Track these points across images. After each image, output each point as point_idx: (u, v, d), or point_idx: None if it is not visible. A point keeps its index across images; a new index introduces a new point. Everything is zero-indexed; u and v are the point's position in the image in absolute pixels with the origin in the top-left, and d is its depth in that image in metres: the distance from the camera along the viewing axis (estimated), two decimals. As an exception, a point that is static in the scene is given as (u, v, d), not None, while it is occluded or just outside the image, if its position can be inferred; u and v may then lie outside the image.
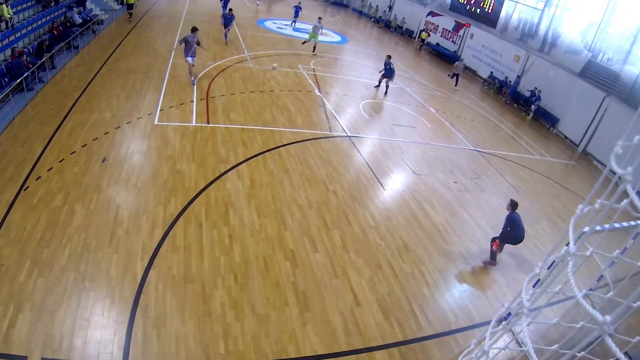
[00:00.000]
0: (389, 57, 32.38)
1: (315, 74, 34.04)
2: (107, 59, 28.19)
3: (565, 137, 37.47)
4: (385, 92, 33.13)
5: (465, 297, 14.48)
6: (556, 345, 5.85)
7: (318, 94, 29.65)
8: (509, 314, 11.76)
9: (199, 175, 16.81)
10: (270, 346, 10.75)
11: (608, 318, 4.07)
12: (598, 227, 10.58)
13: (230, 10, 38.84)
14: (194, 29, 25.48)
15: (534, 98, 39.90)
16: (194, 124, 20.93)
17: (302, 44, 41.27)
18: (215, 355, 10.19)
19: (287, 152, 20.27)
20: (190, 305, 11.28)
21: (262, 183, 17.27)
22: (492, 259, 16.04)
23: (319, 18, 41.01)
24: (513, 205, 15.83)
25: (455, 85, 42.00)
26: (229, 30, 37.83)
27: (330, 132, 23.81)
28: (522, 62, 44.19)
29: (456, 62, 42.99)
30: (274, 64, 30.76)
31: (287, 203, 16.50)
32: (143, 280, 11.71)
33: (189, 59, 25.51)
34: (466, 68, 51.33)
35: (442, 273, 15.11)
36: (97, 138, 18.12)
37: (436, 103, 34.89)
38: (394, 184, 20.13)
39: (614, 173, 4.52)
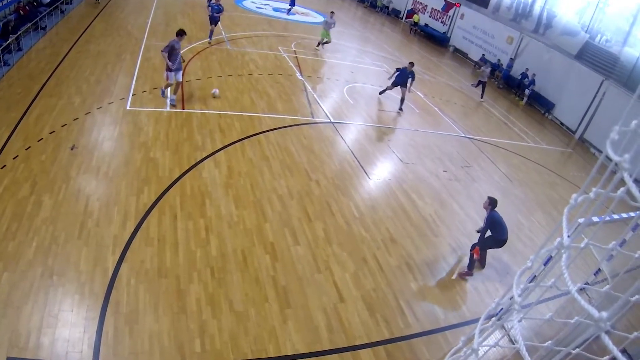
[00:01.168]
0: (412, 64, 27.76)
1: (296, 57, 34.05)
2: (77, 41, 28.00)
3: (561, 123, 37.60)
4: (400, 108, 28.24)
5: (455, 292, 14.51)
6: (549, 342, 5.88)
7: (300, 77, 29.62)
8: (501, 310, 11.84)
9: (173, 164, 16.75)
10: (249, 345, 10.73)
11: (604, 314, 4.09)
12: (595, 219, 10.65)
13: None
14: (181, 33, 20.80)
15: (528, 82, 39.95)
16: (168, 109, 20.88)
17: (317, 47, 37.77)
18: (191, 354, 10.17)
19: (267, 139, 20.25)
20: (164, 301, 11.24)
21: (240, 172, 17.23)
22: (470, 269, 15.43)
23: (331, 13, 37.39)
24: (492, 202, 15.20)
25: (482, 97, 37.26)
26: (215, 26, 32.33)
27: (313, 118, 23.86)
28: (515, 44, 44.31)
29: (482, 67, 38.28)
30: (215, 90, 23.87)
31: (267, 193, 16.47)
32: (114, 275, 11.65)
33: (172, 75, 20.87)
34: (456, 50, 51.44)
35: (430, 267, 15.16)
36: (65, 124, 18.01)
37: (424, 87, 34.92)
38: (380, 173, 20.18)
39: (611, 160, 4.54)
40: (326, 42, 36.99)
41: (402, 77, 27.84)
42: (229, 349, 10.48)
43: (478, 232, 15.67)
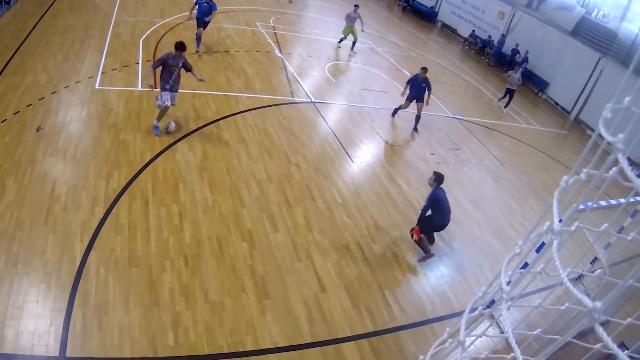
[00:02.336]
0: (425, 70, 23.82)
1: (275, 33, 33.88)
2: (43, 16, 27.66)
3: (556, 103, 37.77)
4: (415, 127, 24.47)
5: (443, 282, 14.63)
6: (539, 330, 5.91)
7: (279, 54, 29.56)
8: (493, 301, 11.89)
9: (145, 146, 16.67)
10: (225, 337, 10.73)
11: (598, 304, 4.10)
12: (590, 204, 10.68)
13: None
14: (180, 46, 17.30)
15: (521, 60, 40.02)
16: (139, 88, 20.78)
17: (339, 42, 34.70)
18: (164, 347, 10.17)
19: (244, 120, 20.23)
20: (135, 292, 11.21)
21: (215, 155, 17.19)
22: (426, 252, 15.15)
23: (355, 6, 33.31)
24: (438, 179, 14.94)
25: (506, 107, 32.91)
26: (203, 29, 26.53)
27: (293, 97, 23.83)
28: (507, 19, 44.35)
29: (509, 72, 32.91)
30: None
31: (244, 177, 16.45)
32: (82, 264, 11.59)
33: (166, 95, 17.50)
34: (444, 26, 51.49)
35: (417, 255, 15.16)
36: (31, 104, 17.86)
37: (411, 65, 34.90)
38: (364, 156, 20.21)
39: (604, 139, 4.54)
40: (342, 39, 34.44)
41: (416, 88, 23.88)
42: (203, 342, 10.47)
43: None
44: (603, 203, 13.88)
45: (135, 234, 12.87)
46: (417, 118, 24.24)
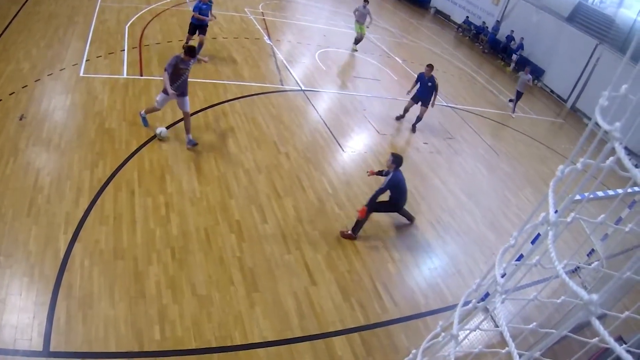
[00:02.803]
0: (431, 67, 23.01)
1: (264, 19, 33.79)
2: (25, 2, 27.29)
3: (552, 91, 37.84)
4: (414, 127, 23.52)
5: (436, 275, 14.64)
6: (534, 323, 5.90)
7: (268, 41, 29.50)
8: (487, 294, 11.88)
9: (130, 136, 16.58)
10: (212, 331, 10.71)
11: (594, 297, 4.09)
12: (587, 194, 10.68)
13: None
14: (190, 52, 16.22)
15: (516, 46, 40.06)
16: (125, 76, 20.63)
17: (354, 45, 32.71)
18: (150, 341, 10.14)
19: (232, 109, 20.19)
20: (120, 285, 11.16)
21: (203, 144, 17.12)
22: (355, 232, 14.94)
23: (365, 1, 32.02)
24: (397, 160, 14.85)
25: (514, 111, 31.23)
26: (204, 35, 24.04)
27: (282, 85, 23.79)
28: (502, 5, 44.40)
29: (520, 73, 31.68)
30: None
31: (232, 167, 16.42)
32: (67, 256, 11.54)
33: (162, 99, 16.68)
34: (438, 12, 51.54)
35: (410, 247, 15.24)
36: (13, 92, 17.70)
37: (403, 52, 35.09)
38: (355, 145, 20.23)
39: (600, 128, 4.53)
40: (358, 39, 32.63)
41: (423, 88, 22.86)
42: (191, 336, 10.45)
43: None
44: (600, 193, 13.90)
45: (120, 225, 12.81)
46: (418, 119, 23.34)
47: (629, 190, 12.75)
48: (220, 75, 22.67)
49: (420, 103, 23.08)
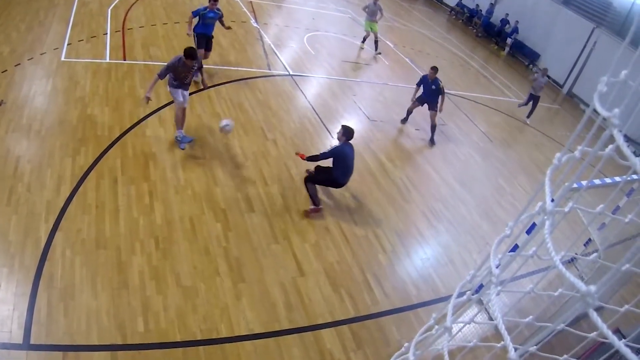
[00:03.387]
0: (435, 70, 21.70)
1: (251, 2, 33.67)
2: (4, -17, 27.38)
3: (547, 76, 37.79)
4: (432, 139, 21.92)
5: (428, 265, 14.66)
6: (530, 317, 5.89)
7: (255, 25, 29.41)
8: (481, 285, 11.88)
9: (113, 122, 16.51)
10: (197, 324, 10.69)
11: (592, 288, 4.08)
12: (583, 183, 10.67)
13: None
14: (191, 54, 15.25)
15: (510, 30, 40.06)
16: (107, 60, 20.50)
17: (362, 42, 31.32)
18: (133, 333, 10.10)
19: (218, 94, 20.14)
20: (103, 275, 11.12)
21: (188, 130, 16.96)
22: (316, 204, 14.94)
23: None
24: (347, 133, 14.62)
25: (528, 116, 28.84)
26: (209, 51, 21.36)
27: (269, 70, 23.73)
28: (496, -13, 44.21)
29: (535, 74, 29.16)
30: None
31: (218, 154, 16.37)
32: (48, 246, 11.48)
33: (178, 93, 15.90)
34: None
35: (401, 237, 15.25)
36: (-8, 77, 17.74)
37: (394, 36, 35.09)
38: (345, 132, 19.94)
39: (599, 115, 4.52)
40: (365, 38, 31.00)
41: (427, 90, 21.79)
42: (175, 329, 10.42)
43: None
44: (597, 182, 13.91)
45: (103, 214, 12.75)
46: (433, 128, 21.82)
47: (627, 178, 12.76)
48: (205, 60, 22.41)
49: (427, 106, 21.87)
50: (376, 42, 30.66)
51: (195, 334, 10.44)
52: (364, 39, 31.38)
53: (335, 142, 18.06)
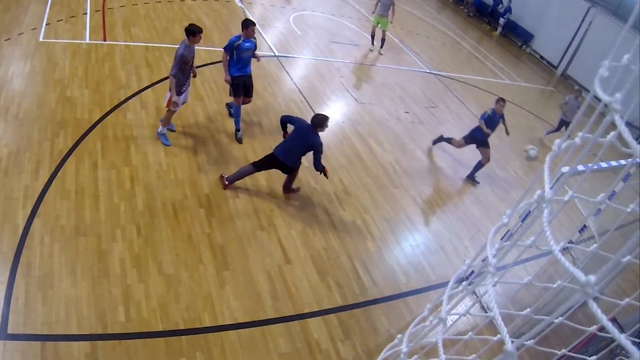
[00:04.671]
0: (503, 103, 18.57)
1: (236, -20, 33.35)
2: (-21, -40, 27.19)
3: (541, 57, 37.87)
4: (473, 174, 19.23)
5: (418, 252, 14.68)
6: (528, 309, 5.86)
7: (239, 4, 29.23)
8: (472, 273, 11.86)
9: (93, 104, 16.41)
10: (180, 313, 10.67)
11: (592, 278, 4.05)
12: (580, 167, 10.65)
13: (249, 24, 16.33)
14: (193, 31, 14.67)
15: (503, 10, 40.02)
16: (87, 41, 20.37)
17: (373, 44, 28.87)
18: (114, 323, 10.06)
19: (201, 76, 20.02)
20: (83, 263, 11.08)
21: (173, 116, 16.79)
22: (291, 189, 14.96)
23: None
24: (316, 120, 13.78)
25: (549, 133, 25.68)
26: (248, 98, 17.36)
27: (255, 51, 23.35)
28: (488, -35, 44.13)
29: (567, 98, 25.34)
30: (531, 151, 19.32)
31: (202, 138, 16.37)
32: (25, 232, 11.44)
33: (179, 99, 15.01)
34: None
35: (390, 223, 15.24)
36: (-33, 58, 17.62)
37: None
38: (332, 115, 19.58)
39: (599, 100, 4.48)
40: (373, 36, 28.72)
41: (493, 127, 18.48)
42: (157, 318, 10.40)
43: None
44: (594, 167, 13.87)
45: (83, 200, 12.69)
46: (480, 165, 18.92)
47: (623, 162, 12.73)
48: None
49: (478, 146, 18.83)
50: (383, 39, 28.44)
51: (178, 323, 10.42)
52: (373, 38, 28.77)
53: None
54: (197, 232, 12.75)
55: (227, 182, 14.30)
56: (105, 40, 20.44)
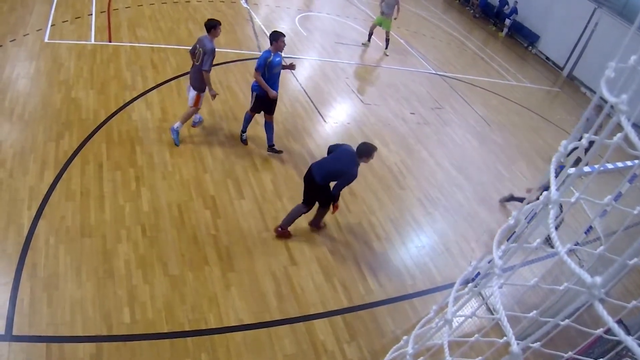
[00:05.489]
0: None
1: (241, -19, 33.36)
2: (-16, -39, 27.20)
3: (547, 58, 37.82)
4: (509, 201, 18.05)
5: (424, 254, 14.64)
6: (534, 312, 5.86)
7: (244, 5, 29.30)
8: (478, 274, 11.85)
9: (98, 105, 16.41)
10: (185, 314, 10.66)
11: (598, 279, 4.04)
12: (587, 169, 10.63)
13: (278, 36, 15.63)
14: (214, 25, 15.28)
15: (509, 10, 39.99)
16: (92, 42, 20.39)
17: (368, 42, 28.90)
18: (119, 324, 10.06)
19: (207, 77, 19.80)
20: (88, 264, 11.07)
21: (175, 114, 16.89)
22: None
23: None
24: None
25: None
26: (269, 113, 16.18)
27: (260, 51, 23.28)
28: (494, -34, 44.10)
29: (587, 113, 21.88)
30: None
31: (207, 138, 16.33)
32: (30, 233, 11.43)
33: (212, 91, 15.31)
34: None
35: (395, 224, 15.21)
36: (-27, 59, 17.61)
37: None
38: (338, 116, 20.15)
39: (606, 101, 4.48)
40: (371, 35, 28.57)
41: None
42: (162, 319, 10.39)
43: None
44: (601, 168, 13.85)
45: (88, 201, 12.69)
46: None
47: (629, 163, 12.71)
48: (193, 41, 21.94)
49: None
50: (387, 40, 28.33)
51: (183, 324, 10.40)
52: (370, 35, 28.67)
53: (327, 128, 18.12)
54: (202, 233, 12.74)
55: (281, 229, 13.60)
56: (110, 41, 20.47)
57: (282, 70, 15.70)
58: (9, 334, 9.28)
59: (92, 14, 22.58)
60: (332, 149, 13.32)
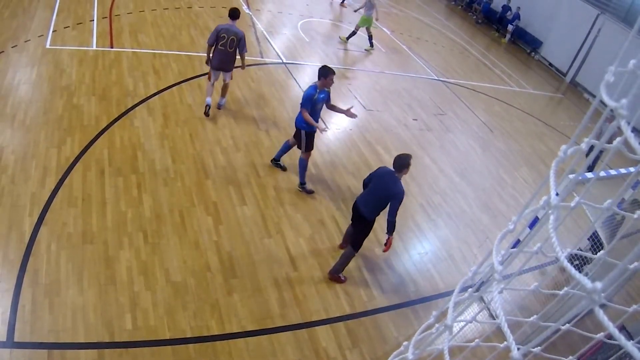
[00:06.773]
0: None
1: (243, -14, 33.43)
2: (-14, -33, 27.23)
3: (550, 64, 37.80)
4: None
5: (427, 260, 14.65)
6: (534, 316, 5.87)
7: (247, 11, 29.25)
8: (480, 281, 11.86)
9: (100, 111, 16.43)
10: (187, 320, 10.66)
11: (598, 285, 4.05)
12: (589, 175, 10.64)
13: (328, 73, 15.14)
14: (235, 13, 16.31)
15: (512, 16, 39.98)
16: (94, 47, 20.40)
17: (347, 38, 29.13)
18: (121, 331, 10.07)
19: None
20: (90, 270, 11.08)
21: (177, 120, 17.00)
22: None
23: None
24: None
25: None
26: (306, 150, 15.28)
27: (262, 58, 23.66)
28: (496, -28, 44.11)
29: (600, 125, 21.62)
30: None
31: (209, 145, 16.33)
32: (32, 240, 11.44)
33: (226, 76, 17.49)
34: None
35: (398, 230, 14.93)
36: (-26, 65, 17.61)
37: (391, 22, 34.99)
38: (340, 122, 20.12)
39: (606, 106, 4.50)
40: (354, 34, 28.75)
41: None
42: (164, 326, 10.40)
43: None
44: (602, 173, 13.86)
45: (90, 207, 12.71)
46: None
47: (632, 169, 12.70)
48: (196, 47, 22.46)
49: None
50: (370, 36, 29.04)
51: (185, 331, 10.41)
52: (371, 39, 28.96)
53: (330, 135, 18.13)
54: (204, 240, 12.75)
55: (334, 273, 12.97)
56: (112, 47, 20.48)
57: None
58: (10, 341, 9.28)
59: (93, 20, 22.60)
60: (368, 180, 12.67)
